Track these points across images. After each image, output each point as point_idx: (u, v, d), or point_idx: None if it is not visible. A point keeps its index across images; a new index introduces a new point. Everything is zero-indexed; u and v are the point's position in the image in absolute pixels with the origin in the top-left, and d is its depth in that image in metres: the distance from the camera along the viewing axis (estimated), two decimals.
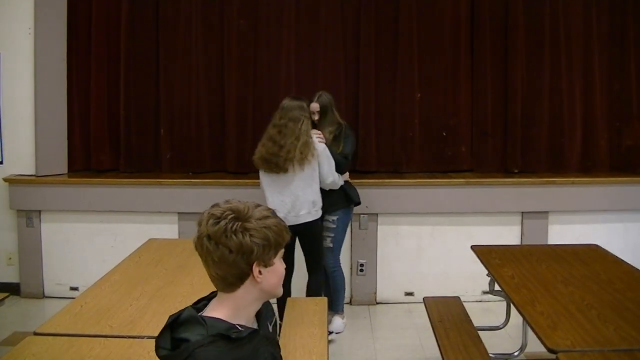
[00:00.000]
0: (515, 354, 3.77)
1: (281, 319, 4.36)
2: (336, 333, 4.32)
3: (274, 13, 5.08)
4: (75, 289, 4.89)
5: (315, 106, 4.22)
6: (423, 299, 3.99)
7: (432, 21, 5.10)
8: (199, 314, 1.51)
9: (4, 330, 4.18)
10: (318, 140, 4.00)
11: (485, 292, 3.77)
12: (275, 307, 4.35)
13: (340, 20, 5.08)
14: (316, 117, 4.22)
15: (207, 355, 1.40)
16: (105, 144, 5.20)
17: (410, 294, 4.95)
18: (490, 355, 3.22)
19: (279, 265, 1.53)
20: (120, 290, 2.84)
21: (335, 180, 4.07)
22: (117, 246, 4.79)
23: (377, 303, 4.96)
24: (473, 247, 3.73)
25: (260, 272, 1.48)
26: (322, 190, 4.14)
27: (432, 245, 4.95)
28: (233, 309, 1.50)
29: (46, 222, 4.99)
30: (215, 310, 1.50)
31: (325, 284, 4.34)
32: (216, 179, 4.93)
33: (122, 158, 5.17)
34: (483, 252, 3.58)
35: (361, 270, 4.90)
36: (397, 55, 5.09)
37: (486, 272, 3.40)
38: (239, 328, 1.47)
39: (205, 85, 5.13)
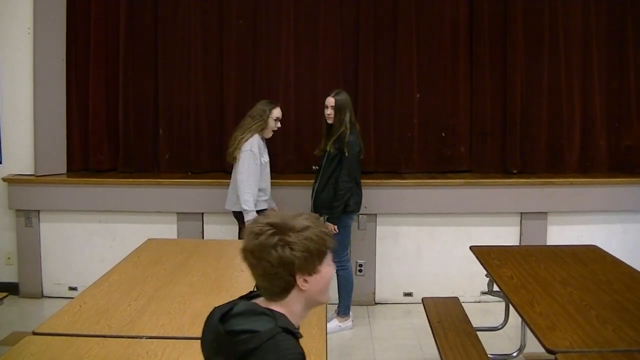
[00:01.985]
0: (514, 354, 3.77)
1: None
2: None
3: (273, 13, 5.08)
4: (74, 288, 4.88)
5: (329, 100, 4.23)
6: (422, 299, 3.99)
7: (431, 21, 5.09)
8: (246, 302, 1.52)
9: (2, 330, 4.17)
10: None
11: (484, 293, 3.78)
12: None
13: (339, 20, 5.08)
14: (328, 112, 4.22)
15: (287, 345, 1.40)
16: (104, 144, 5.20)
17: (409, 294, 4.96)
18: (489, 356, 3.22)
19: (326, 271, 1.53)
20: (119, 290, 2.84)
21: (239, 190, 4.15)
22: (116, 246, 4.79)
23: (376, 303, 4.96)
24: (472, 248, 3.73)
25: (305, 281, 1.49)
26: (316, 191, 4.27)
27: (431, 246, 4.95)
28: (285, 313, 1.50)
29: (45, 222, 4.99)
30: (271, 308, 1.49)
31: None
32: (215, 179, 4.93)
33: (121, 158, 5.17)
34: (482, 253, 3.59)
35: (360, 271, 4.90)
36: (396, 55, 5.09)
37: (485, 272, 3.40)
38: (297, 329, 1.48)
39: (204, 85, 5.13)
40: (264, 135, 4.29)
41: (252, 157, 4.15)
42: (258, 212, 4.26)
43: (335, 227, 4.20)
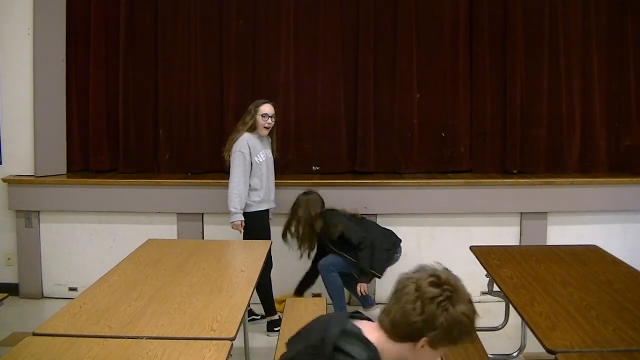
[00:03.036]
0: (514, 354, 3.77)
1: (268, 314, 4.37)
2: None
3: (273, 13, 5.08)
4: (74, 289, 4.88)
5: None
6: None
7: (431, 21, 5.10)
8: (354, 324, 1.55)
9: (2, 331, 4.18)
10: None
11: (484, 293, 3.77)
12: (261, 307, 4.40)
13: (339, 21, 5.09)
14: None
15: None
16: (104, 145, 5.20)
17: None
18: (489, 356, 3.22)
19: (437, 354, 1.55)
20: (119, 290, 2.84)
21: (228, 191, 4.17)
22: (116, 247, 4.79)
23: (376, 304, 4.95)
24: (472, 248, 3.73)
25: (422, 346, 1.51)
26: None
27: (431, 246, 4.95)
28: (381, 350, 1.52)
29: (45, 223, 4.99)
30: (372, 335, 1.54)
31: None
32: (215, 179, 4.93)
33: (121, 158, 5.17)
34: (482, 253, 3.59)
35: None
36: (396, 55, 5.09)
37: (485, 272, 3.41)
38: None
39: (204, 85, 5.13)
40: (258, 134, 4.27)
41: (240, 158, 4.15)
42: (260, 212, 4.27)
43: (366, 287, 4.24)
